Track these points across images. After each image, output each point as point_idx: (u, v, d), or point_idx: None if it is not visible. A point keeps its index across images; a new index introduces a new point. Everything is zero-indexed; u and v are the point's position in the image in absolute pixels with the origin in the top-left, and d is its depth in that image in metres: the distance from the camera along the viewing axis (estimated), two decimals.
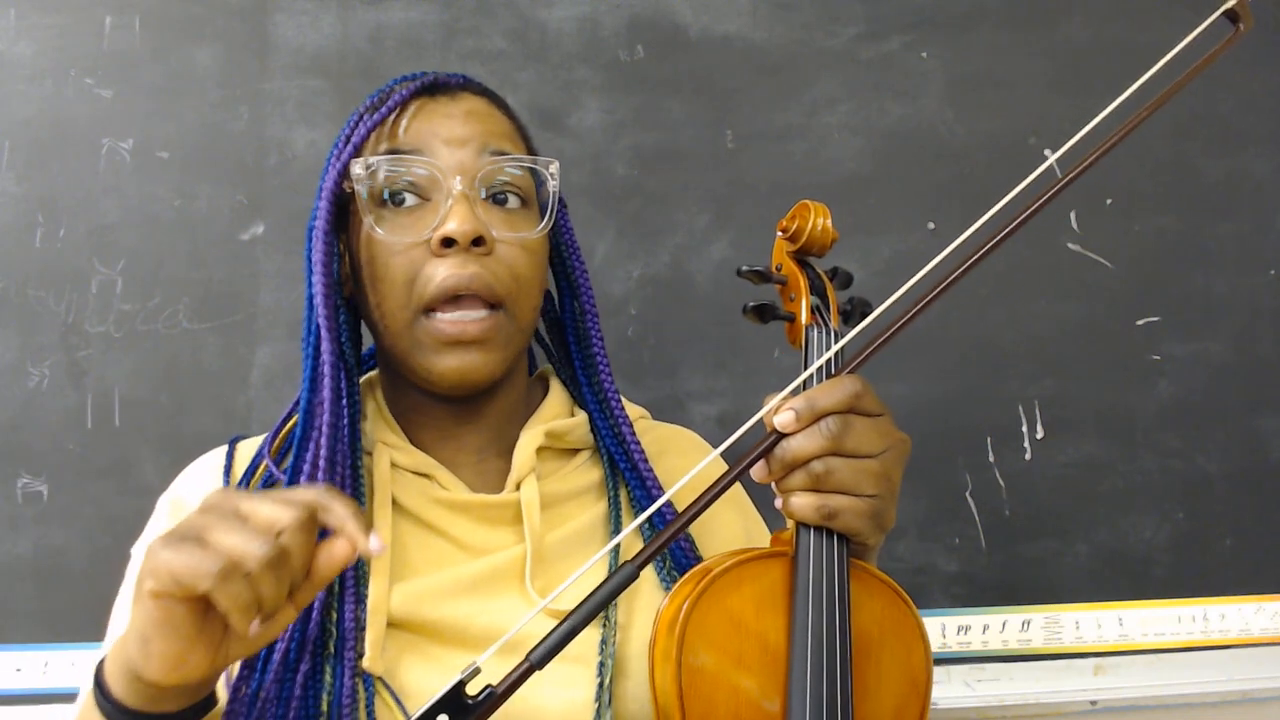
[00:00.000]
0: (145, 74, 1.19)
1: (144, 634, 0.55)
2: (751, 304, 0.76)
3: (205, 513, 0.54)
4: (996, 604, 1.20)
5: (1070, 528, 1.22)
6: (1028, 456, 1.22)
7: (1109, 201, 1.26)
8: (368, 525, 0.57)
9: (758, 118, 1.24)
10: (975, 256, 0.68)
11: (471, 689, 0.56)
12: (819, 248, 0.77)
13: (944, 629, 1.19)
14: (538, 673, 0.56)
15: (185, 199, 1.18)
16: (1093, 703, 1.20)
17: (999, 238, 0.68)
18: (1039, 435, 1.23)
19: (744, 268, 0.76)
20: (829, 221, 0.76)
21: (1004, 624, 1.20)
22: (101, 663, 0.60)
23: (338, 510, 0.55)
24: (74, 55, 1.18)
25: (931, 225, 1.24)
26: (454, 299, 0.74)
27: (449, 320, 0.74)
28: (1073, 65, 1.27)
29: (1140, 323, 1.25)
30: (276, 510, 0.54)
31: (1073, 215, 1.25)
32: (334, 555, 0.56)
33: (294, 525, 0.53)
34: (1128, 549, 1.22)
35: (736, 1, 1.25)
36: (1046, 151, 1.26)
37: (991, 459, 1.22)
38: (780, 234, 0.79)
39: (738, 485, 0.72)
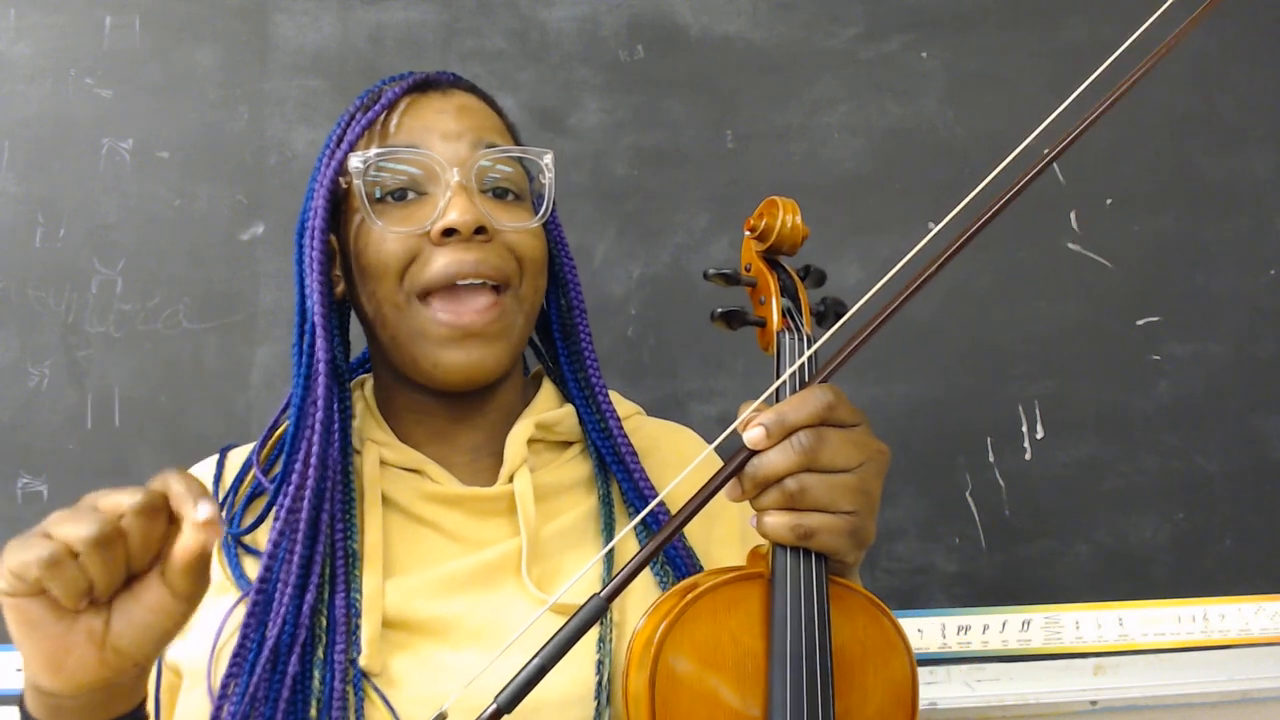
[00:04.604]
0: (145, 74, 1.19)
1: (18, 639, 0.55)
2: (719, 310, 0.70)
3: (63, 510, 0.55)
4: (996, 604, 1.20)
5: (1070, 528, 1.22)
6: (1028, 456, 1.22)
7: (1109, 201, 1.26)
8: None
9: (758, 118, 1.24)
10: (951, 250, 0.65)
11: None
12: (789, 246, 0.73)
13: (944, 629, 1.19)
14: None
15: (185, 199, 1.18)
16: (1093, 703, 1.20)
17: (974, 228, 0.65)
18: (1039, 435, 1.22)
19: (710, 270, 0.72)
20: (799, 218, 0.72)
21: (1004, 624, 1.20)
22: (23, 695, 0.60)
23: (175, 488, 0.54)
24: (74, 55, 1.18)
25: (931, 225, 1.24)
26: (453, 290, 0.74)
27: (450, 312, 0.73)
28: (1073, 65, 1.27)
29: (1140, 323, 1.25)
30: (122, 497, 0.54)
31: (1073, 215, 1.25)
32: (184, 543, 0.54)
33: (134, 508, 0.53)
34: (1128, 549, 1.22)
35: (736, 1, 1.25)
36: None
37: (991, 459, 1.22)
38: (748, 233, 0.74)
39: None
